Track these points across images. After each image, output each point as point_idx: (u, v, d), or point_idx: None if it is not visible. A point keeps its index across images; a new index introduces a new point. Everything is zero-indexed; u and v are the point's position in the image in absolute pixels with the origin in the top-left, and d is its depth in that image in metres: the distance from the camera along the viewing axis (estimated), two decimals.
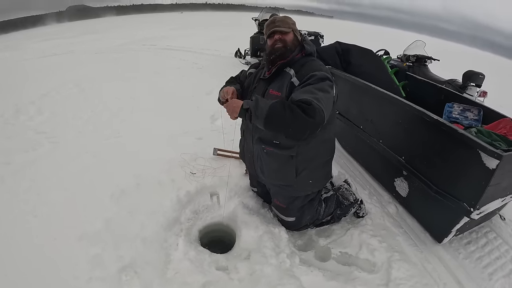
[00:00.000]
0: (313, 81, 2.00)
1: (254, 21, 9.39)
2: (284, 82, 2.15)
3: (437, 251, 2.59)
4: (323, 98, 1.88)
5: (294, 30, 2.28)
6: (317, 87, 1.94)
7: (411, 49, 6.32)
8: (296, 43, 2.26)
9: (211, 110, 5.02)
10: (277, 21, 2.25)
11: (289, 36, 2.24)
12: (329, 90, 2.00)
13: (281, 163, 2.33)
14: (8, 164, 3.45)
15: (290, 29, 2.25)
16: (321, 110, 1.80)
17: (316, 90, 1.92)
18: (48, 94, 6.06)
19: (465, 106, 3.27)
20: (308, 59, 2.25)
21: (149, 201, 2.79)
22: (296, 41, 2.27)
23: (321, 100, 1.85)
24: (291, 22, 2.28)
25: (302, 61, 2.23)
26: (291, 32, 2.25)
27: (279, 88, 2.16)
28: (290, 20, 2.30)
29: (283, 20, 2.26)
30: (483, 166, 2.04)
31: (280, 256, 2.35)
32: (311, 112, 1.77)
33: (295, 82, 2.10)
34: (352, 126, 3.53)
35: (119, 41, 14.61)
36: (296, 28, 2.32)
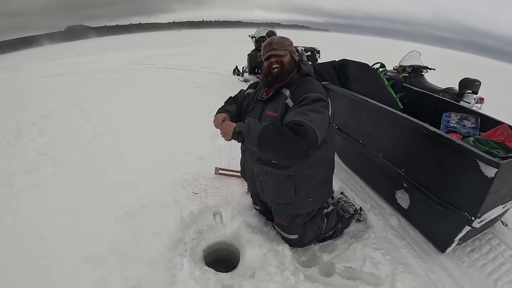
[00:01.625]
0: (307, 102, 2.02)
1: (251, 38, 9.45)
2: (280, 102, 2.19)
3: (441, 261, 2.58)
4: (315, 119, 1.91)
5: (291, 51, 2.28)
6: (310, 108, 1.98)
7: (406, 60, 6.39)
8: (293, 65, 2.27)
9: (211, 129, 4.93)
10: (274, 43, 2.25)
11: (286, 58, 2.24)
12: (323, 111, 2.02)
13: (279, 182, 2.36)
14: (11, 186, 3.48)
15: (287, 51, 2.25)
16: (313, 131, 1.84)
17: (308, 111, 1.95)
18: (49, 115, 6.12)
19: (462, 114, 3.29)
20: (304, 80, 2.26)
21: (153, 222, 2.79)
22: (293, 62, 2.27)
23: (313, 121, 1.88)
24: (288, 44, 2.28)
25: (299, 82, 2.24)
26: (288, 54, 2.25)
27: (275, 109, 2.20)
28: (287, 41, 2.30)
29: (280, 42, 2.25)
30: (482, 175, 2.05)
31: (284, 273, 2.34)
32: (302, 133, 1.81)
33: (289, 103, 2.12)
34: (352, 141, 3.54)
35: (118, 60, 14.74)
36: (293, 49, 2.32)
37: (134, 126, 5.47)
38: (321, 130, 1.93)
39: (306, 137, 1.82)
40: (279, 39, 2.29)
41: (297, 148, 1.86)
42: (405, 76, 6.03)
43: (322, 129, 1.97)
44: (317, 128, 1.87)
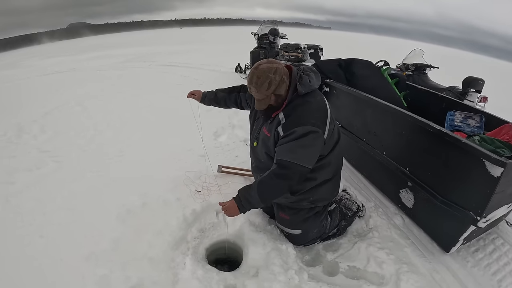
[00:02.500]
0: (295, 137, 2.07)
1: (254, 35, 9.43)
2: (273, 125, 2.23)
3: (445, 261, 2.56)
4: (302, 156, 2.07)
5: (273, 92, 2.11)
6: (298, 144, 2.07)
7: (410, 58, 6.36)
8: (282, 98, 2.19)
9: (213, 127, 5.04)
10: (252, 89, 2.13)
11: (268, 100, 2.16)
12: (312, 144, 2.10)
13: None
14: (13, 184, 3.46)
15: (266, 95, 2.12)
16: (300, 167, 2.07)
17: (296, 147, 2.07)
18: (50, 112, 6.11)
19: (466, 113, 3.27)
20: (302, 100, 2.17)
21: (155, 220, 2.77)
22: (279, 98, 2.18)
23: (299, 158, 2.06)
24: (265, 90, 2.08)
25: (295, 104, 2.18)
26: (269, 95, 2.12)
27: (270, 129, 2.26)
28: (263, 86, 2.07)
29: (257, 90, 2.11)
30: (488, 174, 2.03)
31: (288, 273, 2.33)
32: (290, 176, 2.08)
33: (280, 132, 2.17)
34: (356, 139, 3.52)
35: (120, 58, 14.74)
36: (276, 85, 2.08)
37: (136, 123, 5.45)
38: (310, 161, 2.14)
39: (295, 176, 2.09)
40: (254, 88, 2.11)
41: (290, 186, 2.17)
42: (408, 74, 6.00)
43: (312, 159, 2.15)
44: (305, 162, 2.08)
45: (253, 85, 2.09)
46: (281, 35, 9.06)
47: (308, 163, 2.09)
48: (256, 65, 2.11)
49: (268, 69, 2.06)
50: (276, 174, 2.09)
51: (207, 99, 3.03)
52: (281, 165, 2.07)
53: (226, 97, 2.92)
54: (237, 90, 2.90)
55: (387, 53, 7.57)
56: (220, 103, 2.99)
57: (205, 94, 3.05)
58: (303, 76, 2.18)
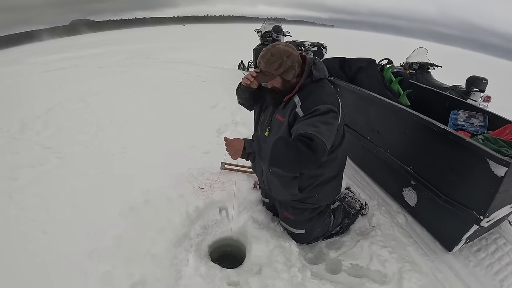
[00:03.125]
0: (317, 114, 1.98)
1: (257, 33, 9.41)
2: (288, 109, 2.15)
3: (448, 260, 2.57)
4: (325, 131, 1.91)
5: (281, 74, 2.12)
6: (320, 120, 1.95)
7: (413, 56, 6.34)
8: (291, 83, 2.18)
9: (216, 124, 5.05)
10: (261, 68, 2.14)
11: (276, 82, 2.18)
12: (332, 122, 2.01)
13: (284, 182, 2.35)
14: (16, 180, 3.46)
15: (274, 75, 2.12)
16: (322, 143, 1.84)
17: (319, 123, 1.93)
18: (53, 108, 6.10)
19: (470, 112, 3.26)
20: (317, 86, 2.16)
21: (158, 217, 2.78)
22: (287, 83, 2.18)
23: (323, 133, 1.88)
24: (274, 69, 2.09)
25: (310, 88, 2.15)
26: (277, 77, 2.14)
27: (284, 114, 2.19)
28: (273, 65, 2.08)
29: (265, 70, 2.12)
30: (492, 173, 2.03)
31: (291, 270, 2.33)
32: (314, 147, 1.80)
33: (299, 113, 2.07)
34: (359, 137, 3.53)
35: (123, 55, 14.74)
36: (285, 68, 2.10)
37: (138, 120, 5.45)
38: (330, 140, 1.96)
39: (317, 151, 1.82)
40: (264, 65, 2.11)
41: (308, 162, 1.86)
42: (411, 73, 5.98)
43: (331, 139, 1.99)
44: (326, 139, 1.88)
45: (264, 60, 2.09)
46: (284, 32, 9.04)
47: (328, 140, 1.91)
48: (274, 44, 2.11)
49: (284, 51, 2.07)
50: (299, 139, 1.85)
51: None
52: (305, 136, 1.85)
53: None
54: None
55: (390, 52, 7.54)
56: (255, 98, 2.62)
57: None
58: (316, 62, 2.20)
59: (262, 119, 2.47)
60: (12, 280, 2.23)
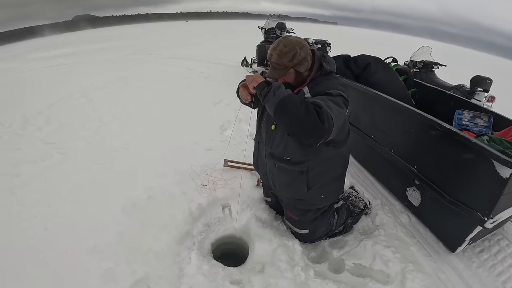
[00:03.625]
0: (327, 96, 1.93)
1: (260, 29, 9.38)
2: None
3: (451, 261, 2.55)
4: (334, 109, 1.81)
5: (294, 65, 2.04)
6: (330, 99, 1.87)
7: (417, 55, 6.31)
8: (303, 75, 2.13)
9: (220, 120, 5.03)
10: (273, 61, 2.07)
11: (289, 77, 2.11)
12: (342, 106, 1.92)
13: (291, 178, 2.31)
14: (18, 176, 3.46)
15: (287, 68, 2.05)
16: (330, 117, 1.74)
17: (329, 101, 1.85)
18: (55, 104, 6.11)
19: (475, 113, 3.25)
20: (327, 77, 2.14)
21: (161, 214, 2.77)
22: (300, 76, 2.12)
23: (332, 109, 1.79)
24: (287, 61, 2.02)
25: (319, 80, 2.12)
26: (290, 70, 2.06)
27: None
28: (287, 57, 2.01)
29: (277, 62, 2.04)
30: (497, 175, 2.02)
31: (295, 269, 2.32)
32: (322, 115, 1.71)
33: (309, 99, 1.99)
34: (363, 136, 3.51)
35: (126, 50, 14.73)
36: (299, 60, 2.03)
37: (141, 116, 5.45)
38: (336, 122, 1.81)
39: (325, 122, 1.71)
40: (276, 57, 2.04)
41: (313, 129, 1.74)
42: (415, 72, 5.96)
43: (338, 122, 1.84)
44: (334, 117, 1.76)
45: (277, 52, 2.01)
46: (288, 29, 9.01)
47: (335, 119, 1.78)
48: (285, 36, 2.06)
49: (297, 42, 2.01)
50: (306, 104, 1.75)
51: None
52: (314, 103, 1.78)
53: None
54: None
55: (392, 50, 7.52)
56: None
57: None
58: (325, 55, 2.16)
59: (267, 114, 2.34)
60: (14, 276, 2.23)
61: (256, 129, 2.56)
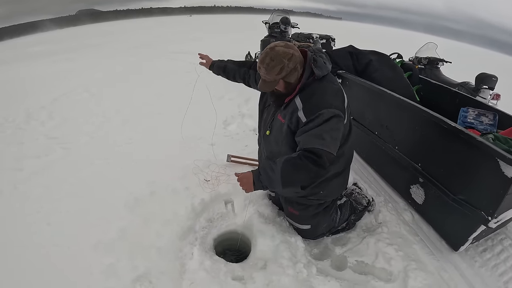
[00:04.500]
0: (320, 121, 1.93)
1: (265, 24, 9.33)
2: (289, 110, 2.09)
3: (454, 260, 2.54)
4: (331, 140, 1.93)
5: (283, 77, 2.00)
6: (324, 129, 1.93)
7: (423, 51, 6.26)
8: (292, 85, 2.08)
9: (223, 115, 4.99)
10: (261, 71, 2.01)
11: (279, 86, 2.07)
12: (338, 127, 2.00)
13: None
14: (21, 171, 3.47)
15: (276, 80, 2.00)
16: (330, 155, 1.91)
17: (324, 133, 1.92)
18: (59, 98, 6.12)
19: (480, 110, 3.21)
20: (319, 84, 2.08)
21: (164, 210, 2.77)
22: (289, 86, 2.08)
23: (329, 144, 1.91)
24: (275, 73, 1.97)
25: (312, 88, 2.06)
26: (279, 81, 2.02)
27: (284, 115, 2.13)
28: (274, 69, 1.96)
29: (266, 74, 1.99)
30: (502, 174, 1.99)
31: (297, 266, 2.32)
32: (322, 163, 1.89)
33: (301, 118, 2.01)
34: (367, 132, 3.48)
35: (129, 45, 14.72)
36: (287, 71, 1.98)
37: (144, 110, 5.45)
38: (336, 147, 1.99)
39: (325, 165, 1.91)
40: (264, 70, 1.99)
41: (319, 175, 2.01)
42: (420, 68, 5.92)
43: (337, 144, 2.01)
44: (333, 149, 1.93)
45: (264, 66, 1.96)
46: (292, 24, 8.96)
47: (334, 149, 1.93)
48: (273, 46, 1.98)
49: (284, 53, 1.94)
50: (306, 156, 1.86)
51: (216, 66, 2.96)
52: (312, 152, 1.86)
53: (236, 70, 2.80)
54: (247, 66, 2.77)
55: (398, 46, 7.47)
56: (228, 75, 2.88)
57: (214, 61, 3.00)
58: (317, 58, 2.08)
59: (265, 116, 2.42)
60: (16, 271, 2.24)
61: (258, 131, 2.60)
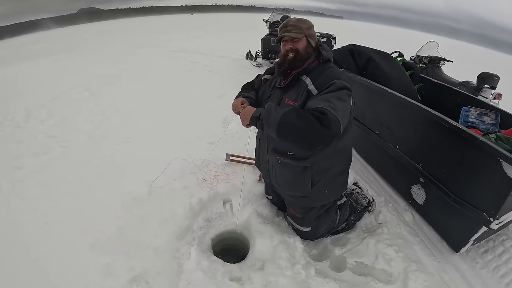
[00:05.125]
0: (332, 89, 1.90)
1: (265, 22, 9.34)
2: (300, 90, 2.06)
3: (454, 261, 2.51)
4: (340, 108, 1.80)
5: (308, 35, 2.09)
6: (335, 96, 1.86)
7: (424, 50, 6.25)
8: (310, 51, 2.12)
9: (223, 114, 4.94)
10: (289, 25, 2.07)
11: (301, 44, 2.08)
12: (347, 100, 1.92)
13: (295, 174, 2.26)
14: (19, 169, 3.46)
15: (302, 34, 2.06)
16: (337, 120, 1.73)
17: (333, 98, 1.83)
18: (58, 97, 6.11)
19: (482, 110, 3.19)
20: (326, 66, 2.11)
21: (161, 209, 2.75)
22: (309, 48, 2.11)
23: (338, 110, 1.77)
24: (305, 27, 2.07)
25: (320, 69, 2.09)
26: (303, 38, 2.08)
27: (295, 97, 2.07)
28: (305, 23, 2.09)
29: (295, 25, 2.07)
30: (504, 175, 1.97)
31: (295, 267, 2.30)
32: (327, 122, 1.70)
33: (312, 91, 1.99)
34: (368, 131, 3.46)
35: (129, 43, 14.72)
36: (312, 32, 2.12)
37: (143, 109, 5.42)
38: (344, 120, 1.82)
39: (331, 127, 1.70)
40: (295, 21, 2.10)
41: (320, 137, 1.76)
42: (422, 67, 5.90)
43: (345, 118, 1.87)
44: (340, 117, 1.76)
45: (292, 23, 2.08)
46: None
47: (342, 119, 1.78)
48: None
49: (303, 20, 2.13)
50: (312, 113, 1.74)
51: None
52: (318, 110, 1.75)
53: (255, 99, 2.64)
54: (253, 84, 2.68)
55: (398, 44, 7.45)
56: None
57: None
58: (321, 44, 2.19)
59: None
60: (12, 270, 2.22)
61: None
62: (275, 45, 8.64)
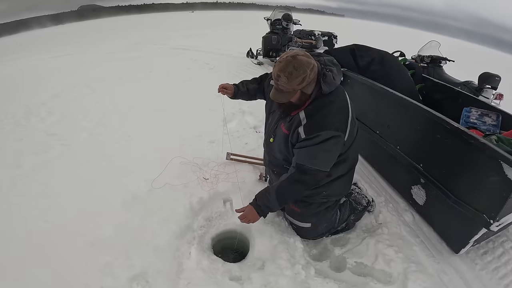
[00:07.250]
0: (317, 140, 1.99)
1: (266, 20, 9.34)
2: (293, 124, 2.12)
3: (454, 262, 2.52)
4: (323, 161, 2.07)
5: (302, 88, 1.95)
6: (320, 148, 2.01)
7: (425, 49, 6.23)
8: (306, 97, 2.03)
9: (223, 113, 4.92)
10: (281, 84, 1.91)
11: (294, 98, 2.00)
12: (333, 148, 2.07)
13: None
14: (19, 167, 3.45)
15: (294, 91, 1.94)
16: (320, 172, 2.08)
17: (318, 152, 2.03)
18: (59, 95, 6.07)
19: (483, 111, 3.19)
20: (324, 102, 2.04)
21: (161, 208, 2.75)
22: (305, 95, 2.02)
23: (322, 163, 2.07)
24: (297, 83, 1.89)
25: (317, 104, 2.05)
26: (297, 92, 1.96)
27: (288, 127, 2.16)
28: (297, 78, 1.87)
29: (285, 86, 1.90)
30: (505, 177, 1.97)
31: (295, 268, 2.31)
32: (312, 181, 2.12)
33: (301, 134, 2.03)
34: (368, 131, 3.45)
35: (130, 40, 14.67)
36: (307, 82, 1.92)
37: (144, 107, 5.40)
38: (329, 166, 2.12)
39: (314, 181, 2.14)
40: (288, 76, 1.87)
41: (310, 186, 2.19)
42: (423, 67, 5.88)
43: (331, 163, 2.14)
44: (324, 167, 2.09)
45: (286, 75, 1.86)
46: (294, 21, 8.99)
47: (327, 167, 2.09)
48: (294, 54, 1.90)
49: (307, 63, 1.87)
50: (296, 180, 2.10)
51: (240, 93, 2.73)
52: (301, 170, 2.06)
53: (257, 89, 2.72)
54: (260, 80, 2.74)
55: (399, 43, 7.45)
56: (251, 96, 2.77)
57: (237, 89, 2.72)
58: (326, 73, 2.01)
59: (270, 121, 2.44)
60: (12, 268, 2.22)
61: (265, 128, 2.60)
62: (276, 43, 8.65)
